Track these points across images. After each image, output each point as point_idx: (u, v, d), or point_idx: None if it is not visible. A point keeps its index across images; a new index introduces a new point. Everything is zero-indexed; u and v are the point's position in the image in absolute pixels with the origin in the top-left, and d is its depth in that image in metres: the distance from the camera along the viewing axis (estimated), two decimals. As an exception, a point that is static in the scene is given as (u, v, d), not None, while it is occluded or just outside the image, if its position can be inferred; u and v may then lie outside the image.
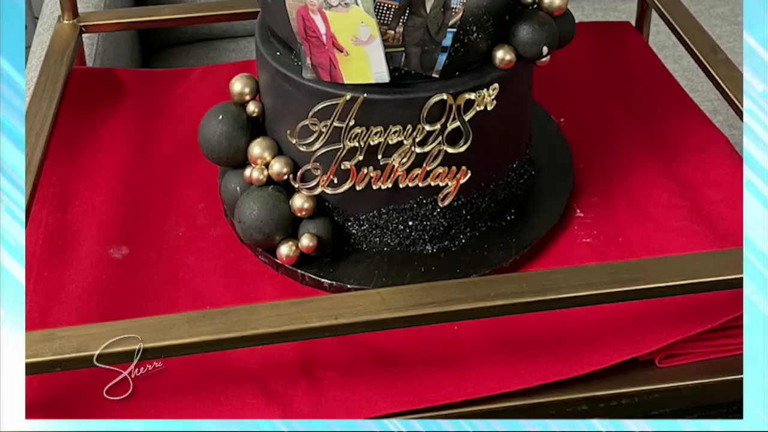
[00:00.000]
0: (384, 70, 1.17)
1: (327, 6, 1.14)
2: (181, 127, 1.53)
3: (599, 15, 2.63)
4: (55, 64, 1.51)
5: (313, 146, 1.21)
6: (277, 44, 1.28)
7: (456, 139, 1.21)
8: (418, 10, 1.15)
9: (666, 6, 1.64)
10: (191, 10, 1.74)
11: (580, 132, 1.52)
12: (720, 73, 1.48)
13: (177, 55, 2.55)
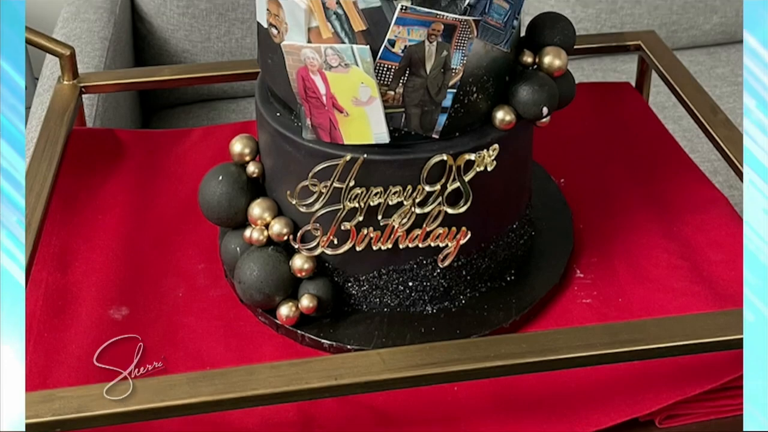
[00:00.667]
0: (384, 131, 1.18)
1: (327, 67, 1.15)
2: (181, 187, 1.53)
3: (599, 75, 2.64)
4: (55, 124, 1.52)
5: (313, 207, 1.21)
6: (277, 105, 1.28)
7: (456, 200, 1.21)
8: (418, 71, 1.16)
9: (666, 67, 1.65)
10: (191, 71, 1.75)
11: (580, 192, 1.52)
12: (720, 134, 1.49)
13: (177, 116, 2.56)
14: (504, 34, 1.21)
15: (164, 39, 2.54)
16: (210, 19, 2.53)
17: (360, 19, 1.13)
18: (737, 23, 2.80)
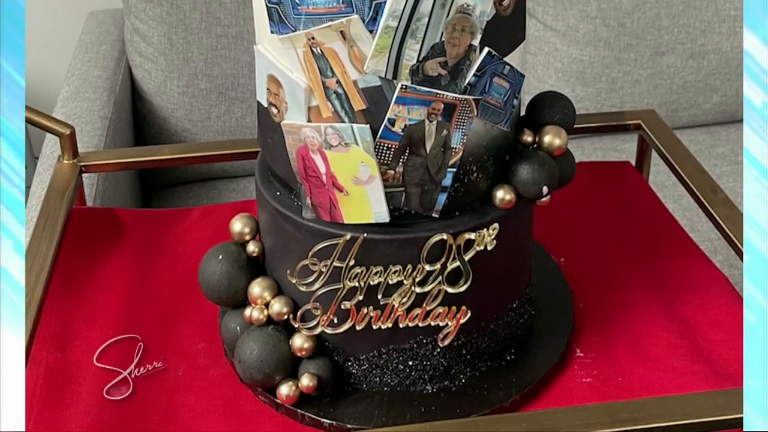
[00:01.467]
0: (384, 210, 1.18)
1: (327, 146, 1.15)
2: (181, 266, 1.53)
3: (599, 155, 2.65)
4: (55, 203, 1.52)
5: (313, 286, 1.21)
6: (277, 184, 1.29)
7: (456, 279, 1.21)
8: (418, 150, 1.16)
9: (666, 146, 1.65)
10: (191, 150, 1.75)
11: (580, 271, 1.52)
12: (720, 213, 1.49)
13: (177, 195, 2.57)
14: (504, 113, 1.21)
15: (164, 118, 2.56)
16: (210, 99, 2.54)
17: (360, 98, 1.14)
18: (737, 102, 2.81)
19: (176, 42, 2.50)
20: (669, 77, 2.74)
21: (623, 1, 2.66)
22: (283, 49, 1.15)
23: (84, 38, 2.63)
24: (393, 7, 1.08)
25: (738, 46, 2.74)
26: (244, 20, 2.51)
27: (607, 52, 2.70)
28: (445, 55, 1.12)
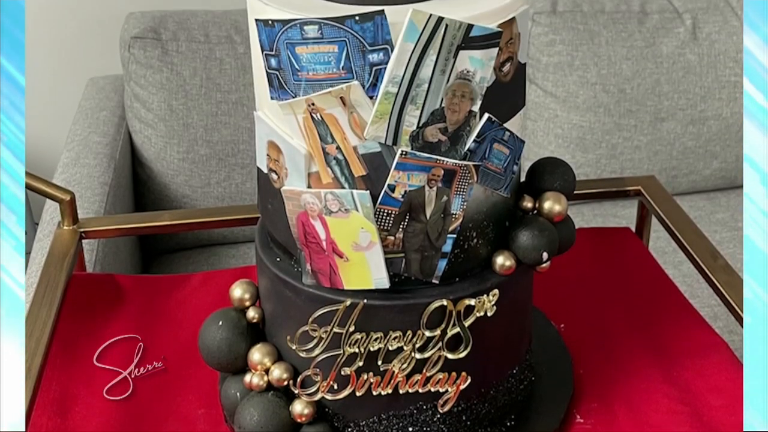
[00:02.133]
0: (384, 276, 1.18)
1: (327, 212, 1.15)
2: (181, 332, 1.53)
3: (599, 221, 2.66)
4: (55, 269, 1.52)
5: (313, 352, 1.20)
6: (277, 250, 1.29)
7: (456, 345, 1.21)
8: (418, 216, 1.16)
9: (666, 212, 1.66)
10: (191, 216, 1.76)
11: (580, 337, 1.51)
12: (720, 279, 1.49)
13: (177, 261, 2.57)
14: (504, 179, 1.22)
15: (164, 184, 2.56)
16: (210, 165, 2.55)
17: (360, 164, 1.14)
18: (737, 168, 2.82)
19: (176, 108, 2.51)
20: (669, 143, 2.75)
21: (623, 68, 2.68)
22: (283, 115, 1.15)
23: (84, 104, 2.64)
24: (393, 73, 1.08)
25: (738, 112, 2.75)
26: (244, 86, 2.52)
27: (607, 118, 2.71)
28: (445, 121, 1.13)
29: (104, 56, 2.80)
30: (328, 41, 1.08)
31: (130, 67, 2.52)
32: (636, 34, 2.69)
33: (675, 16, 2.74)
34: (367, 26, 1.07)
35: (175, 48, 2.51)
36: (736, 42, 2.72)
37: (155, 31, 2.52)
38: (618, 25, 2.70)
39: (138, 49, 2.50)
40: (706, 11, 2.76)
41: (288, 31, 1.09)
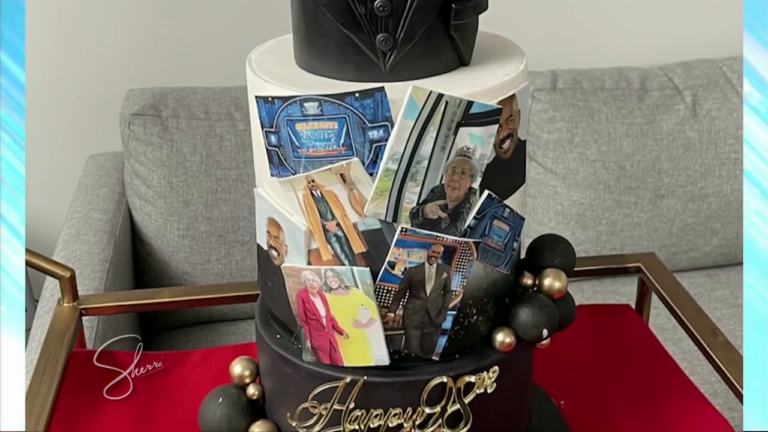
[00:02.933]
0: (384, 353, 1.18)
1: (327, 289, 1.15)
2: (181, 409, 1.52)
3: (599, 297, 2.65)
4: (55, 346, 1.51)
5: (313, 429, 1.20)
6: (277, 327, 1.28)
7: (456, 422, 1.20)
8: (418, 293, 1.16)
9: (666, 289, 1.66)
10: (191, 293, 1.75)
11: (580, 414, 1.50)
12: (720, 356, 1.49)
13: (177, 338, 2.56)
14: (504, 256, 1.22)
15: (164, 261, 2.56)
16: (210, 242, 2.55)
17: (360, 241, 1.14)
18: (737, 245, 2.82)
19: (176, 185, 2.51)
20: (669, 220, 2.75)
21: (623, 144, 2.68)
22: (283, 191, 1.15)
23: (84, 181, 2.65)
24: (393, 149, 1.08)
25: (738, 189, 2.76)
26: (244, 163, 2.53)
27: (607, 194, 2.71)
28: (445, 198, 1.13)
29: (104, 133, 2.81)
30: (328, 118, 1.09)
31: (130, 144, 2.52)
32: (636, 111, 2.71)
33: (675, 92, 2.75)
34: (367, 103, 1.08)
35: (175, 125, 2.52)
36: (736, 119, 2.74)
37: (155, 108, 2.53)
38: (618, 101, 2.71)
39: (138, 126, 2.51)
40: (706, 88, 2.77)
41: (288, 108, 1.10)
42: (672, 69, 2.82)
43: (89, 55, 2.76)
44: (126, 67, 2.77)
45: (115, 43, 2.75)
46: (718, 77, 2.80)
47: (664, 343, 1.70)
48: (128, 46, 2.76)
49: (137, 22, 2.74)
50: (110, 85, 2.77)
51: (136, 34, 2.75)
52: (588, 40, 2.97)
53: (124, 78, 2.75)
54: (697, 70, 2.81)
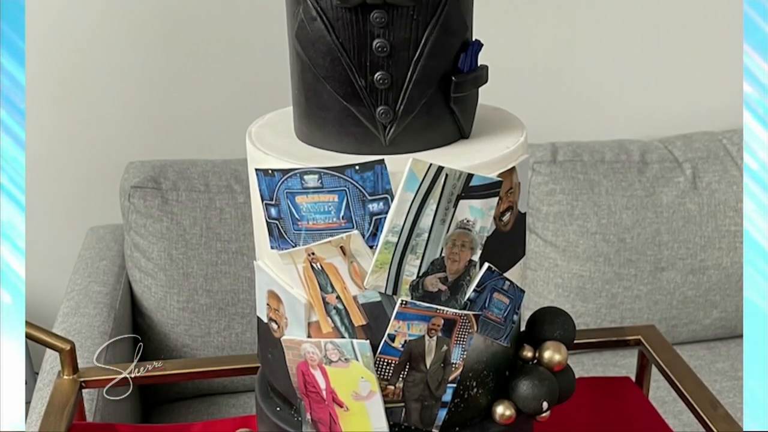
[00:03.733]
0: (384, 426, 1.17)
1: (327, 361, 1.15)
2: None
3: (599, 370, 2.64)
4: (55, 419, 1.51)
5: (312, 500, 1.19)
6: (277, 399, 1.28)
7: (457, 496, 1.20)
8: (418, 366, 1.16)
9: (666, 361, 1.65)
10: (191, 366, 1.75)
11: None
12: (720, 429, 1.48)
13: (177, 411, 2.55)
14: (504, 328, 1.21)
15: (164, 333, 2.55)
16: (210, 314, 2.54)
17: (360, 313, 1.14)
18: (737, 317, 2.82)
19: (176, 257, 2.51)
20: (669, 292, 2.75)
21: (623, 217, 2.69)
22: (283, 264, 1.15)
23: (84, 253, 2.65)
24: (393, 222, 1.09)
25: (738, 261, 2.76)
26: (244, 236, 2.53)
27: (607, 267, 2.71)
28: (445, 271, 1.13)
29: (104, 205, 2.82)
30: (328, 191, 1.09)
31: (130, 217, 2.53)
32: (636, 184, 2.71)
33: (675, 165, 2.76)
34: (367, 176, 1.08)
35: (175, 197, 2.53)
36: (737, 191, 2.74)
37: (155, 181, 2.54)
38: (618, 174, 2.72)
39: (138, 199, 2.52)
40: (706, 160, 2.78)
41: (288, 181, 1.10)
42: (672, 141, 2.84)
43: (89, 127, 2.77)
44: (126, 139, 2.79)
45: (115, 115, 2.77)
46: (718, 150, 2.81)
47: (664, 415, 1.69)
48: (128, 118, 2.77)
49: (137, 94, 2.75)
50: (110, 158, 2.78)
51: (136, 107, 2.77)
52: (588, 112, 2.99)
53: (124, 150, 2.76)
54: (697, 143, 2.82)
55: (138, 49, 2.68)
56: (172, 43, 2.69)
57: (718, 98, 2.98)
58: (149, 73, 2.73)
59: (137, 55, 2.69)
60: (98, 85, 2.71)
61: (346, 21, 1.11)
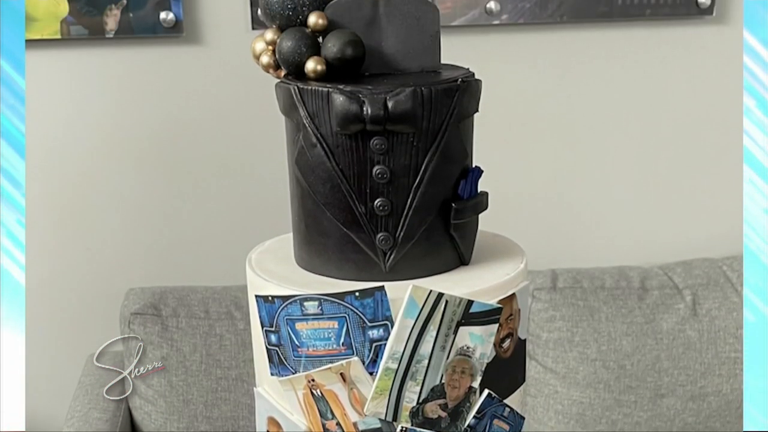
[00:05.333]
0: None
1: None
2: None
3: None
4: None
5: None
6: None
7: None
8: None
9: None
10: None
11: None
12: None
13: None
14: (505, 456, 1.21)
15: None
16: (210, 441, 2.53)
17: (360, 440, 1.13)
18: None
19: (176, 384, 2.50)
20: (669, 419, 2.73)
21: (623, 344, 2.68)
22: (284, 391, 1.15)
23: (84, 380, 2.64)
24: (393, 349, 1.09)
25: (738, 388, 2.74)
26: (244, 362, 2.52)
27: (607, 394, 2.70)
28: (445, 397, 1.12)
29: (104, 332, 2.81)
30: (328, 317, 1.09)
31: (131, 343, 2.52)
32: (636, 311, 2.71)
33: (675, 292, 2.76)
34: (367, 302, 1.08)
35: (175, 324, 2.52)
36: (737, 318, 2.74)
37: (155, 307, 2.53)
38: (618, 301, 2.72)
39: (138, 325, 2.51)
40: (706, 287, 2.78)
41: (288, 307, 1.10)
42: (672, 268, 2.84)
43: (89, 254, 2.78)
44: (126, 265, 2.79)
45: (115, 241, 2.78)
46: (718, 276, 2.81)
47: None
48: (128, 244, 2.78)
49: (137, 220, 2.76)
50: (110, 284, 2.78)
51: (136, 233, 2.78)
52: (588, 239, 3.00)
53: (124, 277, 2.76)
54: (697, 270, 2.83)
55: (137, 175, 2.70)
56: (171, 170, 2.71)
57: (718, 225, 3.00)
58: (149, 200, 2.74)
59: (137, 182, 2.71)
60: (98, 211, 2.73)
61: (346, 147, 1.12)
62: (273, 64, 1.21)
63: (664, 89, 2.80)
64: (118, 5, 2.41)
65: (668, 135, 2.88)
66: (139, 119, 2.62)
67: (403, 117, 1.10)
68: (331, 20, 1.16)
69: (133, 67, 2.55)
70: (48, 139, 2.60)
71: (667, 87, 2.80)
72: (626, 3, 2.62)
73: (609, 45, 2.72)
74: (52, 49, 2.49)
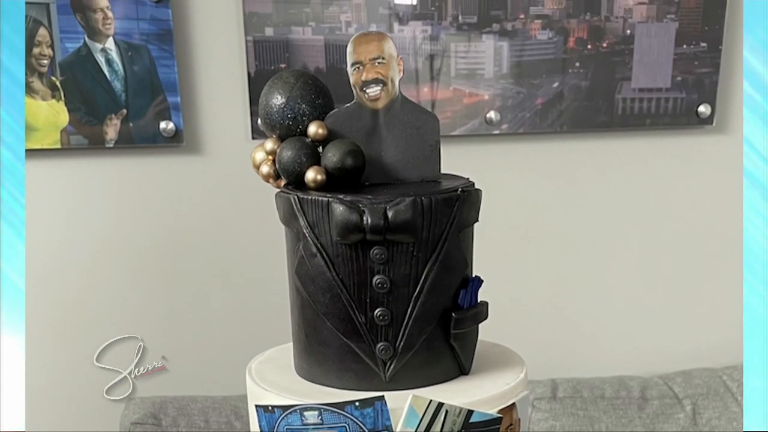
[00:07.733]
0: None
1: None
2: None
3: None
4: None
5: None
6: None
7: None
8: None
9: None
10: None
11: None
12: None
13: None
14: None
15: None
16: None
17: None
18: None
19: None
20: None
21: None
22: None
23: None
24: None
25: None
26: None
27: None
28: None
29: (103, 442, 2.80)
30: (328, 427, 1.09)
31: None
32: (636, 420, 2.70)
33: (675, 401, 2.75)
34: (367, 412, 1.08)
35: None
36: (737, 428, 2.72)
37: (155, 417, 2.52)
38: (618, 410, 2.71)
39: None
40: (706, 397, 2.77)
41: (288, 417, 1.10)
42: (672, 378, 2.83)
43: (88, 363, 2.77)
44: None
45: (116, 351, 2.77)
46: (718, 386, 2.80)
47: None
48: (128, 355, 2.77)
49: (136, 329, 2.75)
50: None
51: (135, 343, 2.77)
52: (588, 348, 2.99)
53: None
54: (697, 379, 2.82)
55: (137, 285, 2.70)
56: (171, 279, 2.71)
57: (718, 335, 2.99)
58: (149, 309, 2.74)
59: (136, 291, 2.70)
60: (97, 320, 2.72)
61: (346, 257, 1.12)
62: (273, 173, 1.22)
63: (664, 199, 2.81)
64: (118, 115, 2.42)
65: (668, 244, 2.89)
66: (139, 228, 2.63)
67: (403, 227, 1.10)
68: (331, 130, 1.17)
69: (133, 177, 2.56)
70: (46, 249, 2.61)
71: (668, 196, 2.81)
72: (626, 113, 2.64)
73: (609, 155, 2.74)
74: (52, 158, 2.51)
